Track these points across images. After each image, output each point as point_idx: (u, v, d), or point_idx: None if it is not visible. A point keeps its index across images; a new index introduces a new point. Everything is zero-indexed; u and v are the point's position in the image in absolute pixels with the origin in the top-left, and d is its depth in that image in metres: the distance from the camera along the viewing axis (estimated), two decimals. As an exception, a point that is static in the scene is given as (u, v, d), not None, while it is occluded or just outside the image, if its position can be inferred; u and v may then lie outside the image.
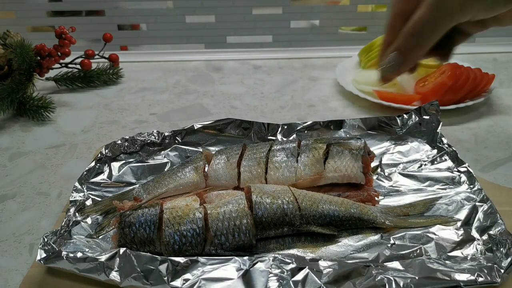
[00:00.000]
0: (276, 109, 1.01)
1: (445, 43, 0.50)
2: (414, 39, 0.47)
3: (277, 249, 0.60)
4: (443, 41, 0.49)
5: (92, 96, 1.08)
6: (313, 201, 0.61)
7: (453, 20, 0.46)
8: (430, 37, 0.47)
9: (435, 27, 0.46)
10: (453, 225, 0.61)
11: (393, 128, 0.80)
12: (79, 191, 0.67)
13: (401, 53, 0.48)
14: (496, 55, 1.25)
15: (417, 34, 0.47)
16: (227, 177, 0.68)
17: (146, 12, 1.36)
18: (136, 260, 0.52)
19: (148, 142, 0.78)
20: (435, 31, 0.46)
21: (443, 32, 0.47)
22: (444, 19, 0.45)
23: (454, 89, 0.93)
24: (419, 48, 0.48)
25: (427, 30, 0.46)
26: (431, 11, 0.45)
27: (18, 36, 1.08)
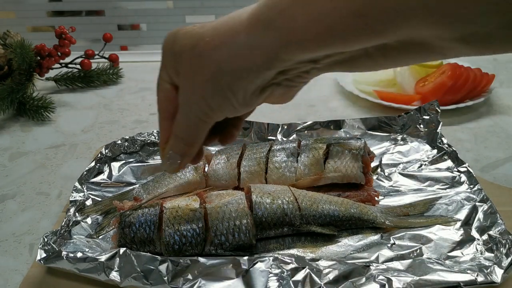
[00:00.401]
0: (276, 109, 1.00)
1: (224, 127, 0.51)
2: (182, 141, 0.49)
3: (277, 249, 0.60)
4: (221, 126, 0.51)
5: (92, 96, 1.08)
6: (313, 201, 0.61)
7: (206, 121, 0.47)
8: (195, 137, 0.48)
9: (195, 129, 0.47)
10: (453, 225, 0.61)
11: (393, 128, 0.80)
12: (79, 191, 0.67)
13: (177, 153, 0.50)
14: (496, 55, 1.25)
15: (182, 137, 0.48)
16: (227, 177, 0.68)
17: (146, 12, 1.36)
18: (136, 260, 0.52)
19: (148, 142, 0.78)
20: (197, 132, 0.48)
21: (205, 131, 0.48)
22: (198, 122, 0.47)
23: (454, 89, 0.93)
24: (190, 146, 0.49)
25: (189, 132, 0.48)
26: (184, 117, 0.47)
27: (18, 36, 1.08)
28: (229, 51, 0.41)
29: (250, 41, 0.40)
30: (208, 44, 0.42)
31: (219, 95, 0.43)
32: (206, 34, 0.42)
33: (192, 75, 0.43)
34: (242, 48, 0.40)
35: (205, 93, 0.44)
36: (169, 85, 0.47)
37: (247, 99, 0.44)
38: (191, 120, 0.47)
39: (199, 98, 0.44)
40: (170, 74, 0.46)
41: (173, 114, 0.48)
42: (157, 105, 0.49)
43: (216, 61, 0.42)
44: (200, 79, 0.43)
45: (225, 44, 0.41)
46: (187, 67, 0.44)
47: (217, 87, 0.43)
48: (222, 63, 0.41)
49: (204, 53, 0.42)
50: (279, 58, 0.40)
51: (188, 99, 0.45)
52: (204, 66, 0.42)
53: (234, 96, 0.43)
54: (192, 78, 0.44)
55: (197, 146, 0.49)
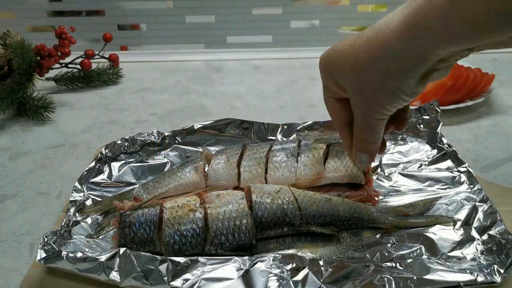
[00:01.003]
0: (276, 109, 1.01)
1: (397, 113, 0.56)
2: (364, 142, 0.56)
3: (277, 249, 0.60)
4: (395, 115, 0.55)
5: (92, 96, 1.08)
6: (313, 201, 0.61)
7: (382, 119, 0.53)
8: (377, 135, 0.55)
9: (375, 129, 0.54)
10: (453, 225, 0.61)
11: (393, 128, 0.80)
12: (79, 191, 0.67)
13: (363, 152, 0.57)
14: (496, 55, 1.25)
15: (364, 138, 0.56)
16: (227, 177, 0.68)
17: (146, 12, 1.36)
18: (136, 260, 0.52)
19: (148, 142, 0.78)
20: (377, 130, 0.55)
21: (382, 126, 0.54)
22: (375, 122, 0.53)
23: (454, 89, 0.93)
24: (372, 144, 0.56)
25: (372, 133, 0.55)
26: (364, 123, 0.54)
27: (18, 36, 1.08)
28: (387, 61, 0.47)
29: (405, 49, 0.45)
30: (366, 60, 0.48)
31: (390, 96, 0.50)
32: (360, 52, 0.49)
33: (361, 89, 0.51)
34: (398, 55, 0.46)
35: (378, 100, 0.50)
36: (334, 100, 0.56)
37: (414, 90, 0.49)
38: (371, 124, 0.54)
39: (374, 105, 0.51)
40: (335, 91, 0.54)
41: (345, 121, 0.57)
42: (332, 119, 0.59)
43: (379, 71, 0.48)
44: (369, 89, 0.50)
45: (382, 56, 0.47)
46: (354, 83, 0.51)
47: (386, 91, 0.49)
48: (384, 72, 0.48)
49: (366, 69, 0.49)
50: (433, 55, 0.45)
51: (362, 108, 0.53)
52: (369, 78, 0.49)
53: (402, 92, 0.49)
54: (362, 91, 0.51)
55: (380, 140, 0.56)
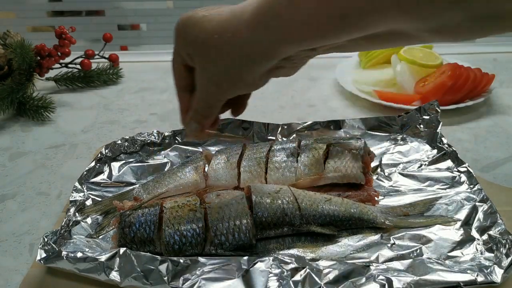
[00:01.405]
0: (276, 109, 1.01)
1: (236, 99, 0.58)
2: (199, 114, 0.57)
3: (277, 249, 0.60)
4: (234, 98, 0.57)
5: (92, 96, 1.08)
6: (313, 201, 0.61)
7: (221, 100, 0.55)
8: (212, 112, 0.57)
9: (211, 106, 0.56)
10: (453, 225, 0.61)
11: (393, 128, 0.80)
12: (79, 191, 0.67)
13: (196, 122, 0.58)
14: (496, 55, 1.25)
15: (199, 111, 0.57)
16: (227, 177, 0.68)
17: (146, 12, 1.36)
18: (136, 260, 0.52)
19: (148, 142, 0.78)
20: (213, 108, 0.56)
21: (219, 107, 0.56)
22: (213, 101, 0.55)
23: (454, 89, 0.93)
24: (207, 117, 0.58)
25: (207, 108, 0.56)
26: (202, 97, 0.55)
27: (18, 36, 1.08)
28: (236, 48, 0.48)
29: (253, 39, 0.46)
30: (217, 41, 0.48)
31: (231, 83, 0.51)
32: (215, 31, 0.49)
33: (207, 67, 0.51)
34: (247, 45, 0.47)
35: (220, 83, 0.52)
36: (181, 66, 0.56)
37: (256, 82, 0.52)
38: (208, 100, 0.55)
39: (214, 84, 0.52)
40: (184, 57, 0.54)
41: (187, 87, 0.57)
42: (174, 81, 0.58)
43: (225, 56, 0.49)
44: (213, 69, 0.51)
45: (231, 42, 0.48)
46: (201, 57, 0.51)
47: (229, 77, 0.51)
48: (230, 58, 0.49)
49: (215, 50, 0.49)
50: (280, 51, 0.46)
51: (204, 84, 0.54)
52: (216, 60, 0.50)
53: (244, 82, 0.51)
54: (208, 70, 0.52)
55: (213, 117, 0.58)
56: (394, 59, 1.03)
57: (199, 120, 0.58)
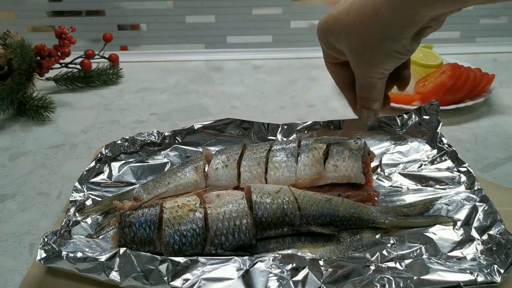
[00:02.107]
0: (276, 109, 1.01)
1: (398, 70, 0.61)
2: (367, 100, 0.61)
3: (277, 249, 0.60)
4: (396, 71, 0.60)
5: (92, 96, 1.08)
6: (313, 201, 0.61)
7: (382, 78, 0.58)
8: (379, 93, 0.60)
9: (376, 88, 0.59)
10: (453, 225, 0.61)
11: (393, 128, 0.80)
12: (79, 191, 0.67)
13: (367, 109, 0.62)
14: (496, 55, 1.25)
15: (367, 96, 0.60)
16: (227, 177, 0.68)
17: (146, 12, 1.36)
18: (136, 260, 0.52)
19: (148, 142, 0.78)
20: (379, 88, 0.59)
21: (383, 84, 0.59)
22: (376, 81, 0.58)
23: (454, 89, 0.93)
24: (375, 101, 0.61)
25: (373, 91, 0.59)
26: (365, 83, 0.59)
27: (18, 36, 1.08)
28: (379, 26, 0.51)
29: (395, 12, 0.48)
30: (360, 27, 0.52)
31: (388, 57, 0.54)
32: (354, 19, 0.52)
33: (359, 53, 0.55)
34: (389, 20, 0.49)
35: (376, 62, 0.55)
36: (334, 64, 0.61)
37: (409, 48, 0.53)
38: (372, 83, 0.58)
39: (372, 67, 0.56)
40: (334, 56, 0.59)
41: (347, 81, 0.62)
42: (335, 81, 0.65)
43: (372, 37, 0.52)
44: (366, 53, 0.54)
45: (374, 23, 0.51)
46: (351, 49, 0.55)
47: (382, 54, 0.53)
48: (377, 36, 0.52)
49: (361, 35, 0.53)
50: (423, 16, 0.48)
51: (363, 70, 0.57)
52: (365, 43, 0.53)
53: (398, 53, 0.53)
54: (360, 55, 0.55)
55: (382, 96, 0.61)
56: (394, 59, 1.03)
57: (369, 106, 0.61)
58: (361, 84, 0.59)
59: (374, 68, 0.56)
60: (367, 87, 0.59)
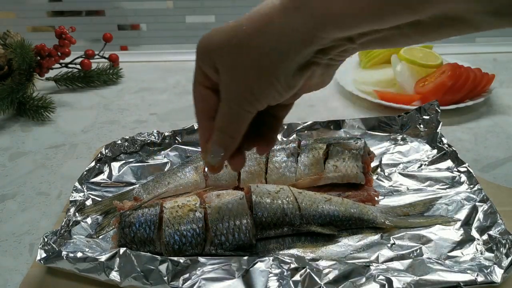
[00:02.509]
0: (276, 109, 1.00)
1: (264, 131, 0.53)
2: (223, 134, 0.50)
3: (277, 249, 0.60)
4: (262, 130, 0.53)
5: (92, 96, 1.08)
6: (313, 201, 0.61)
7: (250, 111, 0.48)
8: (238, 129, 0.49)
9: (238, 120, 0.49)
10: (453, 225, 0.61)
11: (393, 128, 0.80)
12: (79, 191, 0.67)
13: (219, 146, 0.51)
14: (496, 55, 1.25)
15: (224, 129, 0.50)
16: (227, 177, 0.68)
17: (146, 12, 1.36)
18: (136, 260, 0.52)
19: (148, 142, 0.78)
20: (240, 123, 0.49)
21: (247, 122, 0.49)
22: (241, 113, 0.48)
23: (454, 89, 0.93)
24: (232, 138, 0.50)
25: (232, 123, 0.49)
26: (228, 109, 0.48)
27: (18, 36, 1.08)
28: (266, 36, 0.43)
29: (286, 24, 0.41)
30: (245, 33, 0.44)
31: (262, 80, 0.45)
32: (242, 24, 0.44)
33: (234, 66, 0.45)
34: (279, 31, 0.42)
35: (248, 81, 0.45)
36: (204, 88, 0.50)
37: (289, 80, 0.45)
38: (235, 111, 0.48)
39: (243, 87, 0.46)
40: (208, 74, 0.49)
41: (210, 114, 0.50)
42: (195, 108, 0.52)
43: (255, 48, 0.43)
44: (242, 68, 0.45)
45: (261, 30, 0.43)
46: (228, 60, 0.46)
47: (259, 72, 0.44)
48: (261, 48, 0.43)
49: (243, 42, 0.44)
50: (316, 36, 0.41)
51: (231, 91, 0.47)
52: (244, 54, 0.44)
53: (276, 79, 0.44)
54: (234, 69, 0.45)
55: (239, 138, 0.50)
56: (394, 59, 1.03)
57: (223, 141, 0.50)
58: (224, 113, 0.49)
59: (246, 91, 0.46)
60: (230, 115, 0.49)
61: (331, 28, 0.40)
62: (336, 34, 0.41)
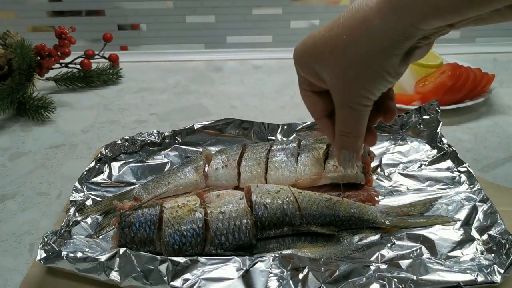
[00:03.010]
0: (276, 109, 1.01)
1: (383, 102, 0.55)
2: (350, 137, 0.53)
3: (277, 249, 0.60)
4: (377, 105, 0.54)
5: (92, 96, 1.08)
6: (313, 201, 0.61)
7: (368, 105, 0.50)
8: (361, 127, 0.52)
9: (359, 119, 0.51)
10: (453, 225, 0.61)
11: (393, 128, 0.80)
12: (79, 191, 0.67)
13: (347, 149, 0.54)
14: (496, 55, 1.25)
15: (349, 132, 0.52)
16: (227, 177, 0.68)
17: (146, 12, 1.36)
18: (136, 260, 0.52)
19: (148, 142, 0.78)
20: (361, 120, 0.52)
21: (367, 115, 0.52)
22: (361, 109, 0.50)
23: (454, 89, 0.93)
24: (357, 137, 0.53)
25: (354, 123, 0.52)
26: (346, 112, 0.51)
27: (18, 36, 1.08)
28: (369, 39, 0.45)
29: (386, 24, 0.44)
30: (347, 42, 0.46)
31: (374, 77, 0.48)
32: (340, 33, 0.47)
33: (343, 73, 0.48)
34: (380, 33, 0.44)
35: (361, 82, 0.48)
36: (312, 93, 0.54)
37: (397, 69, 0.48)
38: (355, 112, 0.50)
39: (357, 89, 0.49)
40: (312, 83, 0.52)
41: (325, 112, 0.55)
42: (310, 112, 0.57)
43: (360, 54, 0.46)
44: (352, 73, 0.48)
45: (363, 35, 0.45)
46: (334, 68, 0.49)
47: (369, 72, 0.47)
48: (367, 52, 0.46)
49: (347, 50, 0.47)
50: (416, 31, 0.43)
51: (346, 94, 0.50)
52: (351, 60, 0.47)
53: (387, 72, 0.47)
54: (345, 76, 0.48)
55: (363, 132, 0.53)
56: (394, 59, 1.03)
57: (351, 145, 0.53)
58: (341, 114, 0.51)
59: (360, 90, 0.49)
60: (349, 116, 0.51)
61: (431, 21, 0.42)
62: (435, 25, 0.43)
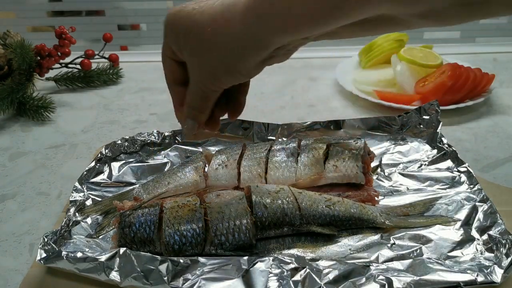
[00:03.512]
0: (276, 109, 1.01)
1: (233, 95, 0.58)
2: (194, 109, 0.57)
3: (277, 249, 0.60)
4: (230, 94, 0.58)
5: (92, 96, 1.08)
6: (313, 201, 0.61)
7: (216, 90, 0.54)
8: (205, 105, 0.56)
9: (205, 98, 0.55)
10: (453, 225, 0.61)
11: (393, 128, 0.80)
12: (79, 191, 0.67)
13: (192, 119, 0.58)
14: (496, 55, 1.25)
15: (194, 105, 0.56)
16: (227, 177, 0.68)
17: (146, 12, 1.36)
18: (136, 260, 0.52)
19: (148, 142, 0.78)
20: (207, 100, 0.55)
21: (214, 98, 0.55)
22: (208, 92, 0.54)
23: (454, 89, 0.93)
24: (202, 111, 0.57)
25: (201, 100, 0.55)
26: (196, 89, 0.54)
27: (18, 36, 1.08)
28: (230, 40, 0.48)
29: (247, 31, 0.46)
30: (210, 33, 0.48)
31: (226, 73, 0.51)
32: (206, 23, 0.49)
33: (199, 56, 0.51)
34: (241, 37, 0.47)
35: (214, 73, 0.51)
36: (171, 60, 0.56)
37: (251, 71, 0.51)
38: (204, 93, 0.54)
39: (209, 75, 0.52)
40: (174, 50, 0.54)
41: (178, 80, 0.57)
42: (165, 75, 0.58)
43: (219, 48, 0.49)
44: (206, 60, 0.51)
45: (225, 34, 0.48)
46: (193, 49, 0.51)
47: (223, 68, 0.50)
48: (224, 50, 0.48)
49: (208, 41, 0.49)
50: (274, 42, 0.47)
51: (197, 74, 0.53)
52: (209, 49, 0.49)
53: (239, 73, 0.51)
54: (200, 59, 0.51)
55: (208, 111, 0.57)
56: (394, 59, 1.03)
57: (195, 116, 0.57)
58: (193, 91, 0.55)
59: (211, 78, 0.52)
60: (199, 96, 0.55)
61: (286, 35, 0.45)
62: (291, 38, 0.46)
